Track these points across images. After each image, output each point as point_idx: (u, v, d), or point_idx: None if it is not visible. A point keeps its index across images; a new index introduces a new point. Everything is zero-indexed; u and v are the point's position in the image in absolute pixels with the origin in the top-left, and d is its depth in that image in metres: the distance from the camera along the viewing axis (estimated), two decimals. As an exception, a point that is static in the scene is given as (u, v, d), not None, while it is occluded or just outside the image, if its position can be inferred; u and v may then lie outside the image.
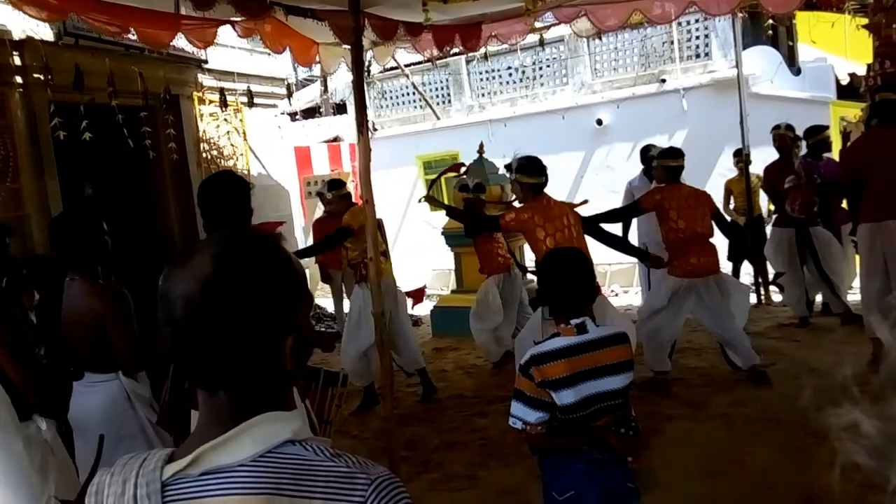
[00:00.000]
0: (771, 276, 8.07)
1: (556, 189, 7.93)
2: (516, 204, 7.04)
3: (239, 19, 5.66)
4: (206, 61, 8.60)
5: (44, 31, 6.58)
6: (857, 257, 6.54)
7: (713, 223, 6.02)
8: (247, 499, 1.00)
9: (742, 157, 8.73)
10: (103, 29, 5.18)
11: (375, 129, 13.23)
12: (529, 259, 9.29)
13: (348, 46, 5.21)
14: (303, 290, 1.16)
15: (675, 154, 6.28)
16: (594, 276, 2.82)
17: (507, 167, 5.73)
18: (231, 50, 8.90)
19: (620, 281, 11.15)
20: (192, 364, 1.08)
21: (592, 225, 5.42)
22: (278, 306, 1.10)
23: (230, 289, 1.05)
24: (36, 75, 6.50)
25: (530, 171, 5.25)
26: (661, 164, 6.35)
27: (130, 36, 5.49)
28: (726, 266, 9.65)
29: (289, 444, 1.06)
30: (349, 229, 6.24)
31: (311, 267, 10.47)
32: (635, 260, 7.95)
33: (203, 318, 1.04)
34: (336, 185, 7.00)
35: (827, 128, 7.80)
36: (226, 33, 6.17)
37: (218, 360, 1.06)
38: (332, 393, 3.39)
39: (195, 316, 1.04)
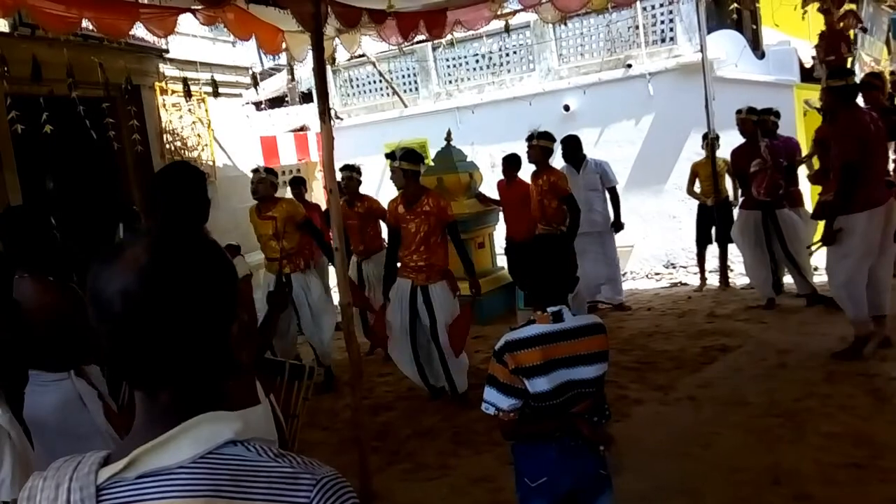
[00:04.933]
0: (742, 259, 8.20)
1: (525, 176, 7.94)
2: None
3: (200, 7, 5.57)
4: (167, 51, 8.47)
5: (-2, 22, 6.43)
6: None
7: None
8: (185, 502, 0.96)
9: (710, 141, 8.76)
10: (54, 27, 5.05)
11: (339, 118, 13.11)
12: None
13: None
14: (236, 274, 1.14)
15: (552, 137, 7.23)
16: (575, 266, 2.80)
17: (390, 155, 5.93)
18: (193, 39, 8.77)
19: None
20: (133, 364, 1.03)
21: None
22: (221, 291, 1.07)
23: (171, 277, 1.01)
24: (-9, 67, 6.35)
25: (413, 158, 5.90)
26: (542, 146, 7.15)
27: (88, 25, 5.36)
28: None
29: (230, 445, 1.02)
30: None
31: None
32: None
33: (145, 312, 0.99)
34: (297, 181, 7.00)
35: (769, 110, 7.86)
36: (187, 22, 6.06)
37: (163, 356, 1.02)
38: (299, 386, 3.36)
39: (136, 310, 0.99)
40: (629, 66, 10.98)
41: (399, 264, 6.07)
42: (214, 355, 1.07)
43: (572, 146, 8.25)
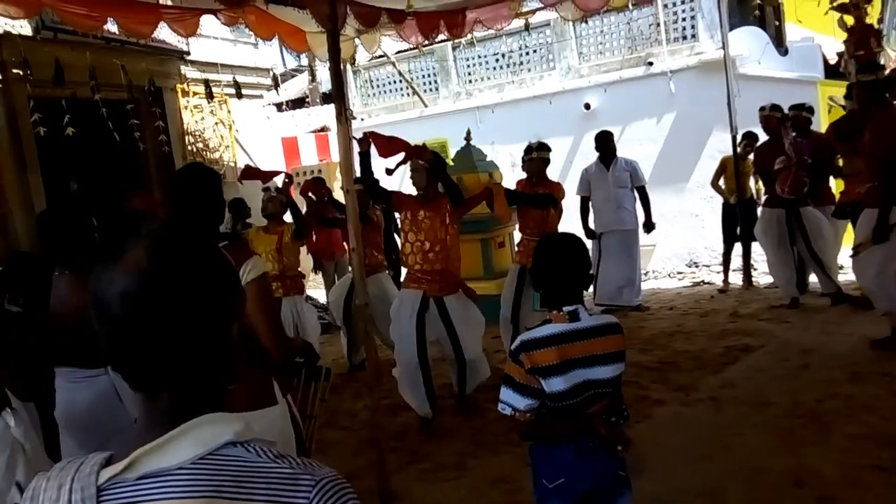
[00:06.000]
0: (765, 258, 8.08)
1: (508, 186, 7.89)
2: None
3: (221, 8, 5.60)
4: (188, 53, 8.54)
5: (21, 26, 6.50)
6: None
7: None
8: (185, 503, 0.97)
9: (749, 141, 8.57)
10: (80, 24, 5.11)
11: (355, 118, 13.11)
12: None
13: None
14: (238, 277, 1.14)
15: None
16: (589, 264, 2.78)
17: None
18: (214, 41, 8.84)
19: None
20: (132, 366, 1.04)
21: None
22: (220, 294, 1.07)
23: (170, 280, 1.02)
24: (15, 70, 6.43)
25: (438, 159, 5.57)
26: (542, 157, 6.78)
27: (110, 28, 5.42)
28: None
29: (230, 446, 1.02)
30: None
31: (304, 257, 10.44)
32: None
33: (144, 315, 1.00)
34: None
35: (802, 105, 7.77)
36: (209, 23, 6.10)
37: (162, 358, 1.02)
38: (316, 387, 3.36)
39: (136, 313, 1.00)
40: (650, 63, 10.92)
41: (404, 273, 5.73)
42: (214, 358, 1.07)
43: (605, 141, 8.27)
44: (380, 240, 7.39)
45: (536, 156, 6.77)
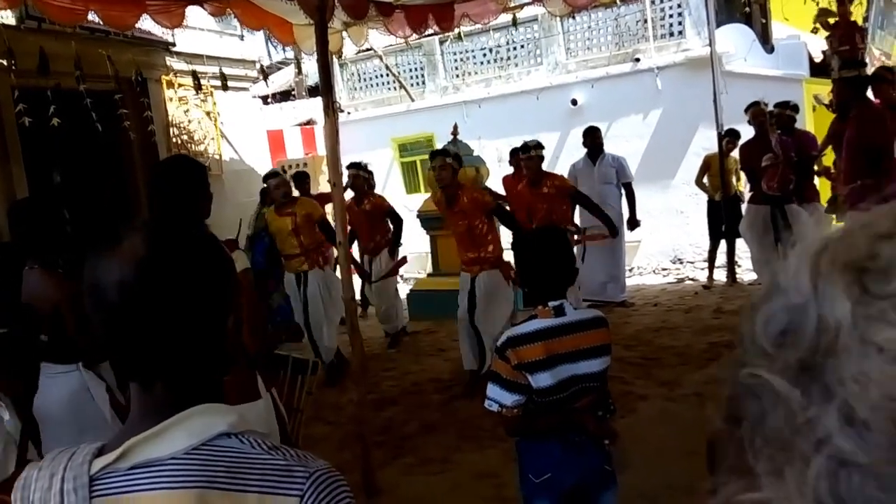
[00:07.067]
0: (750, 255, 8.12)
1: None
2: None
3: (206, -1, 5.56)
4: (173, 44, 8.46)
5: (4, 15, 6.42)
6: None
7: None
8: (178, 493, 0.97)
9: (731, 138, 8.59)
10: (60, 17, 5.05)
11: (342, 111, 13.07)
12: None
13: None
14: (234, 269, 1.14)
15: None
16: (573, 259, 2.78)
17: (443, 152, 6.09)
18: (200, 32, 8.76)
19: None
20: (127, 355, 1.04)
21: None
22: (216, 285, 1.07)
23: (167, 269, 1.02)
24: (-2, 60, 6.36)
25: (459, 157, 5.93)
26: (540, 155, 6.92)
27: (93, 18, 5.37)
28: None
29: (224, 437, 1.02)
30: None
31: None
32: None
33: (142, 304, 1.00)
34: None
35: (787, 103, 7.82)
36: (194, 14, 6.05)
37: (157, 347, 1.02)
38: (302, 381, 3.35)
39: (133, 302, 1.00)
40: (637, 60, 10.92)
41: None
42: (209, 348, 1.07)
43: (592, 137, 8.32)
44: (385, 224, 7.82)
45: (535, 154, 6.90)
